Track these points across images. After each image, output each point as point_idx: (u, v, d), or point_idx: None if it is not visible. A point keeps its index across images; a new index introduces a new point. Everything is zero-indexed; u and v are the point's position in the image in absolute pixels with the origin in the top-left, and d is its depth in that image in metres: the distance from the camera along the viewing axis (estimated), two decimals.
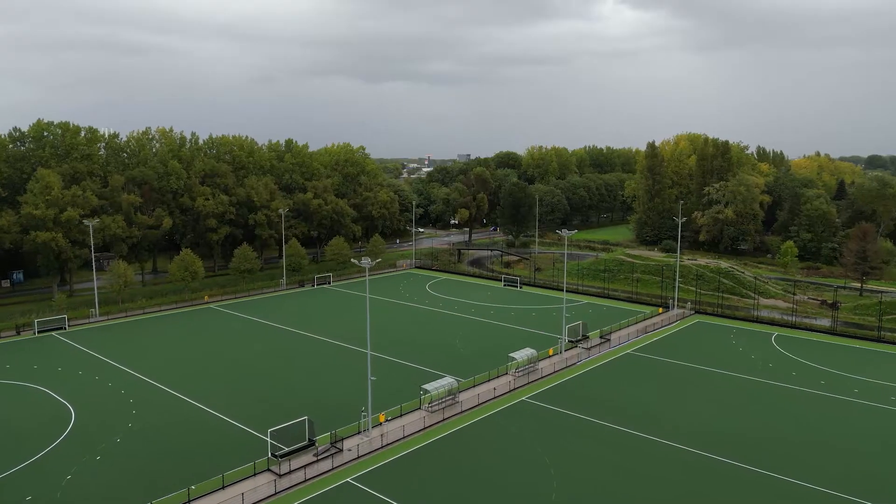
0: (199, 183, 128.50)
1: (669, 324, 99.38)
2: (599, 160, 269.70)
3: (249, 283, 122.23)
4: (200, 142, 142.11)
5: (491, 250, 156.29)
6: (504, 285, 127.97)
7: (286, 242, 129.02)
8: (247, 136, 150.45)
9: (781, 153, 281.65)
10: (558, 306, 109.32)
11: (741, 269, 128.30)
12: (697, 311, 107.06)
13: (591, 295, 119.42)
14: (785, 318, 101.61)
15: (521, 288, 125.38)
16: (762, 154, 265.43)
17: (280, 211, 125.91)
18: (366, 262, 63.16)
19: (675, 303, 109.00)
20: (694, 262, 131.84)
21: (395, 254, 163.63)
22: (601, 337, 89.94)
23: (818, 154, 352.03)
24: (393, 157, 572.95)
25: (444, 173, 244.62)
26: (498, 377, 73.40)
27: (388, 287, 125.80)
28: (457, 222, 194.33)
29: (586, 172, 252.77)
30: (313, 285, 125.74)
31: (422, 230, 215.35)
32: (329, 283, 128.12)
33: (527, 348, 77.61)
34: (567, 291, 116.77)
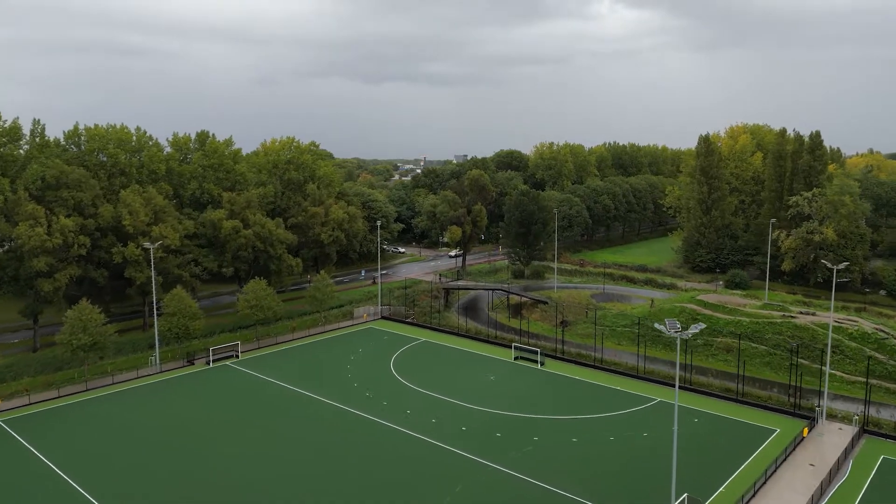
0: (28, 198, 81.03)
1: (839, 472, 51.91)
2: (623, 160, 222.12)
3: (98, 365, 74.86)
4: (51, 136, 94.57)
5: (493, 290, 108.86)
6: (516, 359, 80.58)
7: (166, 291, 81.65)
8: (138, 128, 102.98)
9: (839, 150, 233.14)
10: (615, 415, 61.59)
11: (893, 332, 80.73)
12: (865, 430, 59.70)
13: (658, 382, 71.90)
14: None
15: (542, 365, 78.04)
16: None
17: (147, 245, 78.03)
18: None
19: (824, 411, 61.71)
20: (811, 316, 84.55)
21: (357, 292, 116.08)
22: None
23: (871, 151, 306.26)
24: (389, 159, 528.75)
25: (432, 177, 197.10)
26: None
27: (328, 365, 78.30)
28: (446, 241, 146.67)
29: (608, 174, 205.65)
30: (208, 362, 78.16)
31: (402, 250, 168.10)
32: (236, 356, 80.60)
33: None
34: (612, 371, 68.86)
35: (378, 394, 68.26)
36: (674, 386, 70.37)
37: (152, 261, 78.51)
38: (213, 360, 78.40)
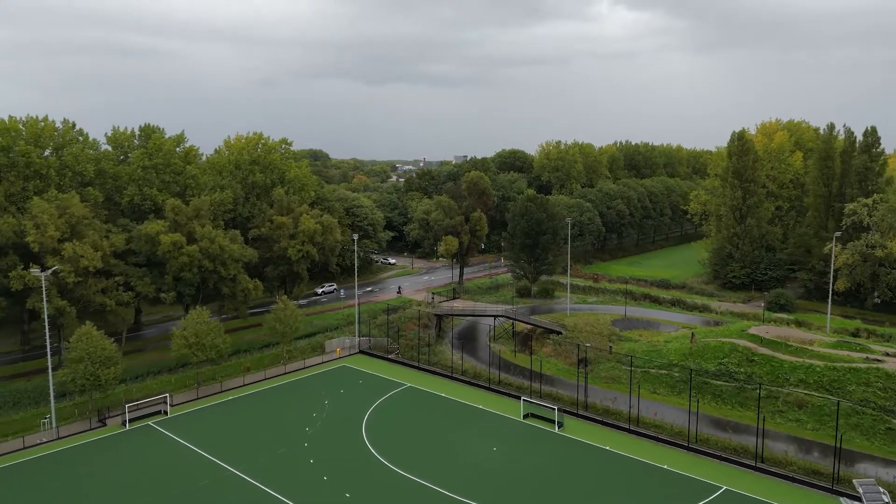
0: None
1: None
2: (636, 160, 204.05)
3: None
4: None
5: (495, 316, 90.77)
6: (526, 417, 62.40)
7: (77, 326, 63.43)
8: (65, 121, 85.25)
9: None
10: None
11: None
12: None
13: (718, 458, 53.63)
14: None
15: (560, 427, 59.88)
16: None
17: (38, 271, 59.91)
18: None
19: None
20: None
21: (334, 316, 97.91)
22: None
23: None
24: (389, 160, 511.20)
25: (427, 179, 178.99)
26: None
27: (282, 427, 59.99)
28: (441, 254, 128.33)
29: (620, 176, 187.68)
30: (125, 423, 59.98)
31: (392, 261, 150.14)
32: (164, 412, 62.49)
33: None
34: (654, 438, 45.73)
35: (341, 478, 50.11)
36: (740, 464, 52.02)
37: (44, 289, 60.14)
38: (132, 420, 60.23)
